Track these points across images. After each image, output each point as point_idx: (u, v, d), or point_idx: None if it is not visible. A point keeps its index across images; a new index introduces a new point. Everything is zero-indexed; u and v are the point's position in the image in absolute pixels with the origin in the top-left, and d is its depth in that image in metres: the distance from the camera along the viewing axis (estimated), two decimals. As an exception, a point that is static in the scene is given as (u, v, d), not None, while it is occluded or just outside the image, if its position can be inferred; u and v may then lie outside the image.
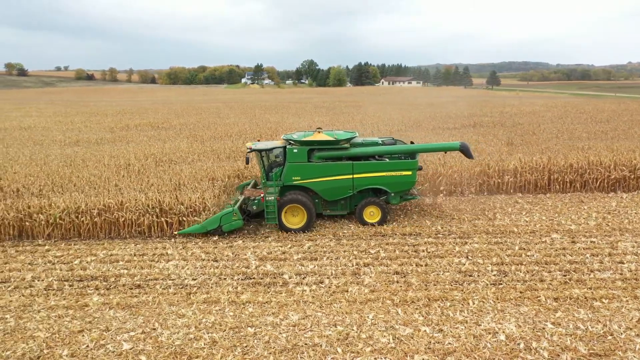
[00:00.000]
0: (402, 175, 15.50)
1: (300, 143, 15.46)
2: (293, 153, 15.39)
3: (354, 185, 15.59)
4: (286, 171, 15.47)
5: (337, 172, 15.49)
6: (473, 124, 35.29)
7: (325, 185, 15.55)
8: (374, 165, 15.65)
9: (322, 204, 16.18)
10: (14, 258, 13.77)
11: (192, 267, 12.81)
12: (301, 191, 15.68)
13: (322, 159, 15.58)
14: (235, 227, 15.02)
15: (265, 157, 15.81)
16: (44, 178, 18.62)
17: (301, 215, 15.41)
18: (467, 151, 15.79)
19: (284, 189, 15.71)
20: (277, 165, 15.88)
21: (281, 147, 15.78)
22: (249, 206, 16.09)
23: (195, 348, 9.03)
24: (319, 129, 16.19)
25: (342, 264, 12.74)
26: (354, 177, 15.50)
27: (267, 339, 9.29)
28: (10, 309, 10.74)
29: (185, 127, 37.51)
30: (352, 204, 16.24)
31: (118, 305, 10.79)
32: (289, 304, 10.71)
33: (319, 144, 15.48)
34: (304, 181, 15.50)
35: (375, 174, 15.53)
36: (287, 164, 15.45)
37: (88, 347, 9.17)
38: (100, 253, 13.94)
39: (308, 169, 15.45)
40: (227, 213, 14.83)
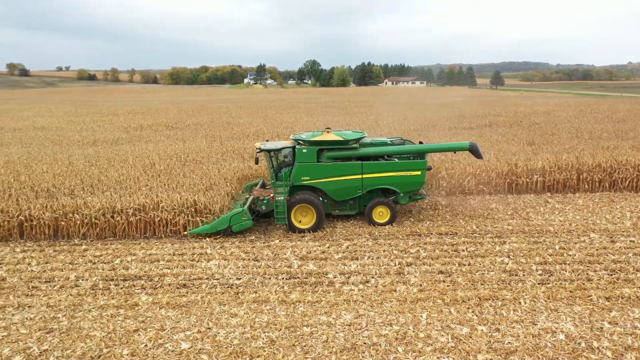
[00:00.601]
0: (411, 175, 15.51)
1: (309, 143, 15.45)
2: (302, 153, 15.36)
3: (363, 186, 15.58)
4: (295, 171, 15.43)
5: (347, 172, 15.48)
6: (489, 123, 35.27)
7: (334, 186, 15.53)
8: (383, 166, 15.64)
9: (331, 204, 16.17)
10: (53, 257, 13.78)
11: (234, 266, 12.82)
12: (310, 191, 15.66)
13: (331, 159, 15.56)
14: (245, 228, 15.01)
15: (274, 157, 15.77)
16: (73, 178, 18.62)
17: (310, 215, 15.41)
18: (476, 151, 15.79)
19: (293, 189, 15.67)
20: (286, 165, 15.83)
21: (290, 147, 15.76)
22: (258, 206, 16.09)
23: (255, 347, 9.03)
24: (327, 129, 16.21)
25: (385, 263, 12.75)
26: (363, 177, 15.49)
27: (325, 338, 9.29)
28: (61, 308, 10.76)
29: (200, 127, 37.49)
30: (361, 204, 16.23)
31: (168, 304, 10.80)
32: (339, 303, 10.71)
33: (328, 144, 15.47)
34: (313, 181, 15.48)
35: (385, 174, 15.52)
36: (297, 164, 15.41)
37: (147, 346, 9.18)
38: (139, 252, 13.95)
39: (317, 169, 15.43)
40: (237, 213, 14.82)
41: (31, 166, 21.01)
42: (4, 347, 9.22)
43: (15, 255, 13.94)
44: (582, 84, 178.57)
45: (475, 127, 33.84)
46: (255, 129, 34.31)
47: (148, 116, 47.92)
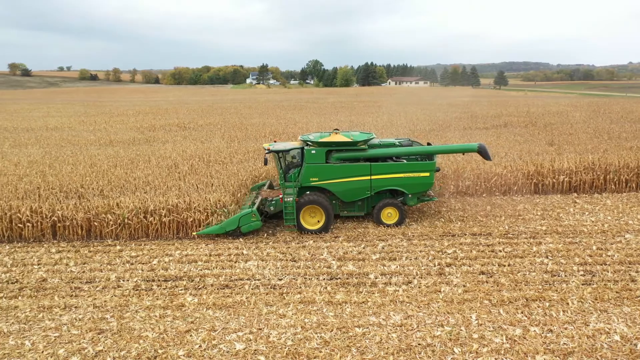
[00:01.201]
0: (420, 176, 15.52)
1: (318, 144, 15.43)
2: (311, 154, 15.34)
3: (372, 187, 15.59)
4: (304, 172, 15.40)
5: (355, 173, 15.47)
6: (503, 124, 35.26)
7: (343, 187, 15.53)
8: (391, 167, 15.63)
9: (339, 204, 16.16)
10: (90, 258, 13.79)
11: (274, 267, 12.83)
12: (319, 192, 15.66)
13: (339, 160, 15.55)
14: (254, 228, 15.01)
15: (282, 158, 15.75)
16: (100, 178, 18.64)
17: (319, 216, 15.42)
18: (485, 153, 15.79)
19: (302, 190, 15.67)
20: (294, 166, 15.80)
21: (298, 148, 15.76)
22: (267, 207, 16.09)
23: (310, 348, 9.04)
24: (336, 130, 16.19)
25: (424, 264, 12.75)
26: (371, 178, 15.50)
27: (378, 339, 9.30)
28: (108, 309, 10.77)
29: (213, 128, 37.50)
30: (369, 205, 16.24)
31: (215, 305, 10.81)
32: (385, 304, 10.72)
33: (337, 145, 15.45)
34: (322, 182, 15.47)
35: (393, 175, 15.53)
36: (305, 165, 15.40)
37: (201, 347, 9.19)
38: (175, 253, 13.96)
39: (326, 170, 15.41)
40: (246, 214, 14.82)
41: (55, 166, 21.03)
42: (59, 347, 9.24)
43: (51, 256, 13.96)
44: (585, 84, 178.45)
45: (491, 128, 33.82)
46: (270, 129, 34.31)
47: (158, 116, 47.93)
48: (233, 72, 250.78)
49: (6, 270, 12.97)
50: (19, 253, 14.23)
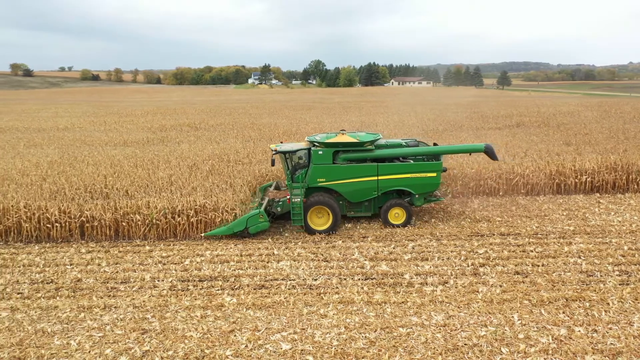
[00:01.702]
0: (426, 177, 15.56)
1: (325, 145, 15.44)
2: (318, 155, 15.35)
3: (379, 187, 15.61)
4: (311, 173, 15.41)
5: (362, 174, 15.48)
6: (516, 124, 35.30)
7: (350, 187, 15.54)
8: (398, 167, 15.64)
9: (346, 205, 16.18)
10: (121, 258, 13.81)
11: (307, 267, 12.85)
12: (326, 193, 15.68)
13: (347, 161, 15.57)
14: (262, 229, 15.02)
15: (289, 159, 15.77)
16: (123, 178, 18.67)
17: (326, 216, 15.44)
18: (492, 153, 15.82)
19: (309, 191, 15.68)
20: (301, 167, 15.81)
21: (305, 148, 15.77)
22: (274, 208, 16.10)
23: (357, 348, 9.05)
24: (342, 131, 16.22)
25: (457, 264, 12.76)
26: (378, 178, 15.51)
27: (423, 339, 9.31)
28: (148, 309, 10.79)
29: (225, 128, 37.56)
30: (376, 205, 16.27)
31: (254, 305, 10.82)
32: (425, 304, 10.73)
33: (344, 145, 15.47)
34: (329, 183, 15.48)
35: (400, 175, 15.55)
36: (312, 165, 15.39)
37: (247, 347, 9.21)
38: (206, 253, 13.98)
39: (333, 171, 15.42)
40: (254, 215, 14.83)
41: (75, 167, 21.06)
42: (105, 347, 9.26)
43: (82, 256, 13.98)
44: (588, 84, 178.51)
45: (504, 128, 33.86)
46: (283, 129, 34.35)
47: (168, 116, 48.01)
48: (235, 72, 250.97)
49: (40, 270, 12.99)
50: (49, 253, 14.26)
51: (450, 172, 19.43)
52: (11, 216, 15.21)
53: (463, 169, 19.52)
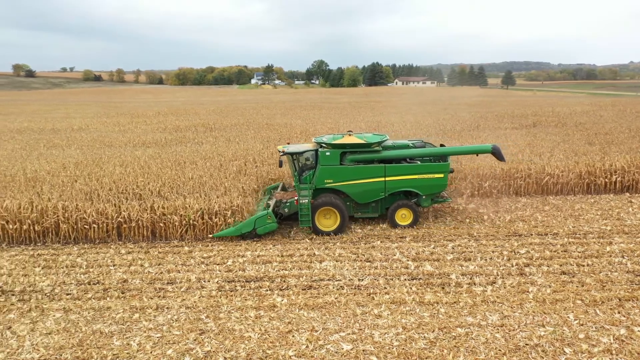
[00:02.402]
0: (434, 177, 15.59)
1: (332, 146, 15.46)
2: (326, 156, 15.36)
3: (386, 188, 15.64)
4: (318, 174, 15.42)
5: (370, 175, 15.51)
6: (532, 123, 35.28)
7: (357, 188, 15.57)
8: (406, 168, 15.67)
9: (353, 206, 16.20)
10: (162, 259, 13.84)
11: (351, 267, 12.86)
12: (333, 194, 15.71)
13: (354, 162, 15.60)
14: (269, 230, 15.04)
15: (296, 160, 15.78)
16: (154, 179, 18.69)
17: (334, 217, 15.46)
18: (499, 154, 15.84)
19: (316, 192, 15.70)
20: (308, 168, 15.82)
21: (312, 150, 15.80)
22: (281, 209, 16.11)
23: (418, 349, 9.06)
24: (349, 132, 16.23)
25: (501, 264, 12.77)
26: (386, 179, 15.54)
27: (483, 339, 9.32)
28: (200, 309, 10.81)
29: (241, 128, 37.58)
30: (383, 206, 16.30)
31: (306, 305, 10.84)
32: (477, 304, 10.74)
33: (352, 147, 15.49)
34: (336, 184, 15.51)
35: (407, 176, 15.58)
36: (320, 166, 15.41)
37: (307, 347, 9.23)
38: (247, 254, 14.01)
39: (340, 172, 15.44)
40: (262, 216, 14.86)
41: (102, 167, 21.08)
42: (166, 348, 9.29)
43: (123, 257, 14.02)
44: (591, 83, 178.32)
45: (521, 128, 33.85)
46: (300, 129, 34.35)
47: (180, 117, 48.02)
48: (238, 72, 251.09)
49: (84, 271, 13.03)
50: (89, 254, 14.30)
51: (480, 172, 19.45)
52: (49, 217, 15.24)
53: (494, 169, 19.50)
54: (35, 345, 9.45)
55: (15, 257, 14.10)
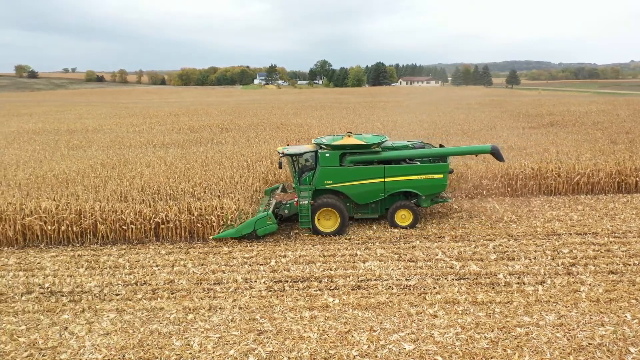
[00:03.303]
0: (433, 178, 15.61)
1: (332, 147, 15.47)
2: (325, 157, 15.36)
3: (386, 189, 15.65)
4: (318, 175, 15.43)
5: (369, 176, 15.52)
6: (549, 123, 35.25)
7: (357, 189, 15.58)
8: (405, 169, 15.67)
9: (353, 207, 16.21)
10: (204, 259, 13.84)
11: (396, 267, 12.85)
12: (333, 195, 15.72)
13: (353, 163, 15.60)
14: (270, 232, 15.04)
15: (296, 161, 15.79)
16: (183, 180, 18.70)
17: (334, 218, 15.47)
18: (498, 154, 15.86)
19: (316, 193, 15.71)
20: (308, 170, 15.81)
21: (312, 151, 15.80)
22: (281, 210, 16.10)
23: (481, 349, 9.04)
24: (349, 133, 16.26)
25: (546, 263, 12.75)
26: (385, 180, 15.55)
27: (545, 339, 9.30)
28: (253, 310, 10.81)
29: (256, 128, 37.60)
30: (383, 207, 16.31)
31: (359, 306, 10.83)
32: (531, 303, 10.72)
33: (351, 148, 15.50)
34: (336, 185, 15.52)
35: (407, 177, 15.60)
36: (319, 168, 15.41)
37: (369, 347, 9.23)
38: (288, 254, 14.00)
39: (340, 173, 15.45)
40: (262, 217, 14.84)
41: (131, 168, 21.08)
42: (228, 348, 9.29)
43: (164, 258, 14.02)
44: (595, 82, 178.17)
45: (537, 127, 33.82)
46: (316, 130, 34.32)
47: (193, 117, 48.05)
48: (240, 72, 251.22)
49: (128, 271, 13.04)
50: (129, 254, 14.31)
51: (511, 172, 19.43)
52: (87, 218, 15.26)
53: (524, 168, 19.49)
54: (96, 346, 9.46)
55: (57, 258, 14.12)
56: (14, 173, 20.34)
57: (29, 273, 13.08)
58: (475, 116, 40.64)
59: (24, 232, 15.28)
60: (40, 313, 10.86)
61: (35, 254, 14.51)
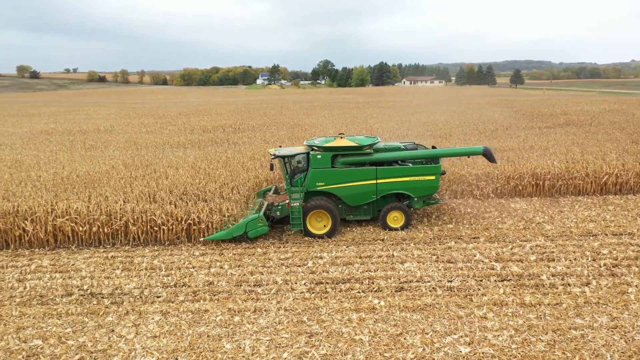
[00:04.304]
0: (425, 180, 15.52)
1: (324, 149, 15.39)
2: (317, 159, 15.29)
3: (378, 191, 15.57)
4: (310, 177, 15.35)
5: (361, 178, 15.44)
6: (565, 122, 35.11)
7: (349, 191, 15.50)
8: (397, 171, 15.58)
9: (345, 209, 16.14)
10: (239, 260, 13.74)
11: (435, 268, 12.73)
12: (325, 197, 15.64)
13: (345, 165, 15.52)
14: (261, 233, 14.96)
15: (288, 163, 15.73)
16: (209, 181, 18.58)
17: (326, 220, 15.39)
18: (490, 155, 15.80)
19: (308, 195, 15.63)
20: (300, 171, 15.75)
21: (304, 153, 15.74)
22: (273, 212, 16.04)
23: (539, 351, 8.93)
24: (341, 135, 16.16)
25: (588, 264, 12.63)
26: (377, 182, 15.48)
27: (602, 342, 9.18)
28: (299, 312, 10.69)
29: (269, 128, 37.49)
30: (375, 208, 16.22)
31: (406, 308, 10.72)
32: (580, 305, 10.60)
33: (343, 149, 15.41)
34: (328, 187, 15.43)
35: (399, 179, 15.51)
36: (311, 169, 15.34)
37: (425, 350, 9.11)
38: (324, 255, 13.89)
39: (332, 175, 15.37)
40: (253, 219, 14.75)
41: (155, 169, 20.95)
42: (281, 351, 9.18)
43: (198, 259, 13.91)
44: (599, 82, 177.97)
45: (553, 127, 33.68)
46: (331, 129, 34.21)
47: (203, 118, 47.91)
48: (243, 72, 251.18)
49: (165, 273, 12.93)
50: (163, 256, 14.20)
51: (538, 172, 19.30)
52: (118, 219, 15.15)
53: (551, 169, 19.36)
54: (147, 349, 9.35)
55: (90, 260, 14.02)
56: (38, 174, 20.23)
57: (65, 275, 12.98)
58: (489, 116, 40.50)
59: (55, 233, 15.18)
60: (84, 315, 10.76)
61: (67, 256, 14.41)
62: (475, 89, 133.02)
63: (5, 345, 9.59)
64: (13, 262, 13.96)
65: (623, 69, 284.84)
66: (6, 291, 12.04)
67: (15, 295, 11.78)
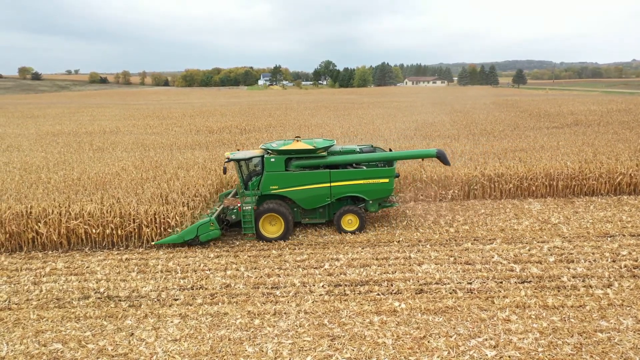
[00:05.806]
0: (379, 182, 15.45)
1: (277, 152, 15.33)
2: (270, 162, 15.26)
3: (332, 194, 15.52)
4: (264, 180, 15.31)
5: (315, 181, 15.38)
6: (573, 122, 34.95)
7: (302, 194, 15.44)
8: (350, 174, 15.53)
9: (301, 212, 16.09)
10: (255, 262, 13.65)
11: (454, 270, 12.62)
12: (279, 200, 15.56)
13: (299, 168, 15.45)
14: (213, 237, 14.86)
15: (244, 166, 15.67)
16: (220, 182, 18.51)
17: (279, 224, 15.33)
18: (444, 158, 15.77)
19: (262, 198, 15.57)
20: (257, 175, 15.71)
21: (259, 156, 15.68)
22: (228, 215, 15.96)
23: (566, 355, 8.82)
24: (297, 138, 16.11)
25: (608, 266, 12.50)
26: (331, 185, 15.41)
27: (629, 344, 9.07)
28: (319, 315, 10.59)
29: (276, 129, 37.39)
30: (331, 212, 16.15)
31: (428, 310, 10.61)
32: (604, 307, 10.48)
33: (296, 152, 15.34)
34: (282, 190, 15.39)
35: (352, 182, 15.46)
36: (265, 173, 15.31)
37: (450, 353, 9.00)
38: (340, 257, 13.78)
39: (285, 178, 15.32)
40: (204, 223, 14.66)
41: (165, 170, 20.87)
42: (304, 355, 9.09)
43: (213, 261, 13.83)
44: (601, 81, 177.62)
45: (562, 127, 33.53)
46: (339, 130, 34.12)
47: (208, 119, 47.85)
48: (244, 73, 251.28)
49: (182, 276, 12.84)
50: (177, 258, 14.11)
51: (552, 172, 19.17)
52: (132, 221, 15.07)
53: (564, 170, 19.23)
54: (168, 353, 9.26)
55: (105, 262, 13.94)
56: (48, 176, 20.15)
57: (80, 277, 12.90)
58: (495, 116, 40.37)
59: (68, 235, 15.10)
60: (102, 319, 10.67)
61: (81, 258, 14.34)
62: (479, 89, 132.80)
63: (25, 349, 9.52)
64: (27, 265, 13.89)
65: (624, 68, 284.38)
66: (22, 294, 11.97)
67: (31, 299, 11.70)
